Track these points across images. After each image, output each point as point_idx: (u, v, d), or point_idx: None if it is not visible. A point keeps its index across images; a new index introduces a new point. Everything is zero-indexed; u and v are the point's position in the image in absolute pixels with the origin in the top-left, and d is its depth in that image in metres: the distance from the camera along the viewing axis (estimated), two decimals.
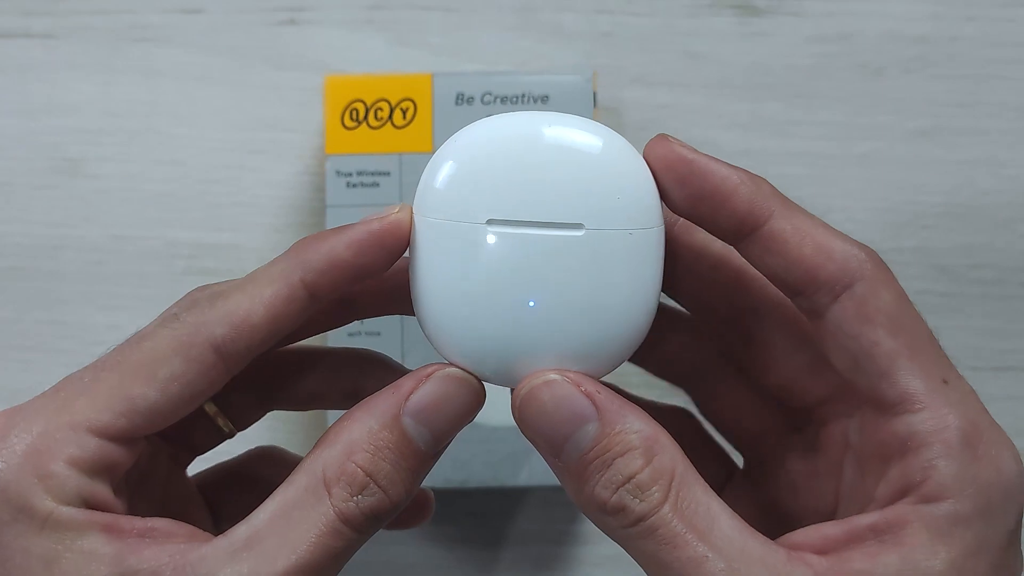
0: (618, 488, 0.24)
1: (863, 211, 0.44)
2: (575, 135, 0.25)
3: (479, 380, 0.26)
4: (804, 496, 0.28)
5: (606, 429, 0.24)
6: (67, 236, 0.44)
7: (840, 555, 0.24)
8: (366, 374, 0.31)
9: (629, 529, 0.24)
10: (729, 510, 0.24)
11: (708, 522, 0.24)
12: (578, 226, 0.25)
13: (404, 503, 0.26)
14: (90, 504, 0.25)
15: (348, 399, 0.28)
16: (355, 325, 0.38)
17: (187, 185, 0.44)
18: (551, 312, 0.25)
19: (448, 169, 0.25)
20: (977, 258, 0.44)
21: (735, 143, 0.44)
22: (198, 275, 0.44)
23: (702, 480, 0.25)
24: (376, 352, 0.31)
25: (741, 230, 0.25)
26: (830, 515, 0.27)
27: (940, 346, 0.25)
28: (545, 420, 0.25)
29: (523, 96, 0.40)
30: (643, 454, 0.24)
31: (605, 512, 0.24)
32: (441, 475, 0.38)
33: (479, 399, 0.26)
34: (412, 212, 0.26)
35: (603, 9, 0.44)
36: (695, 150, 0.25)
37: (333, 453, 0.25)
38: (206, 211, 0.44)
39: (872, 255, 0.25)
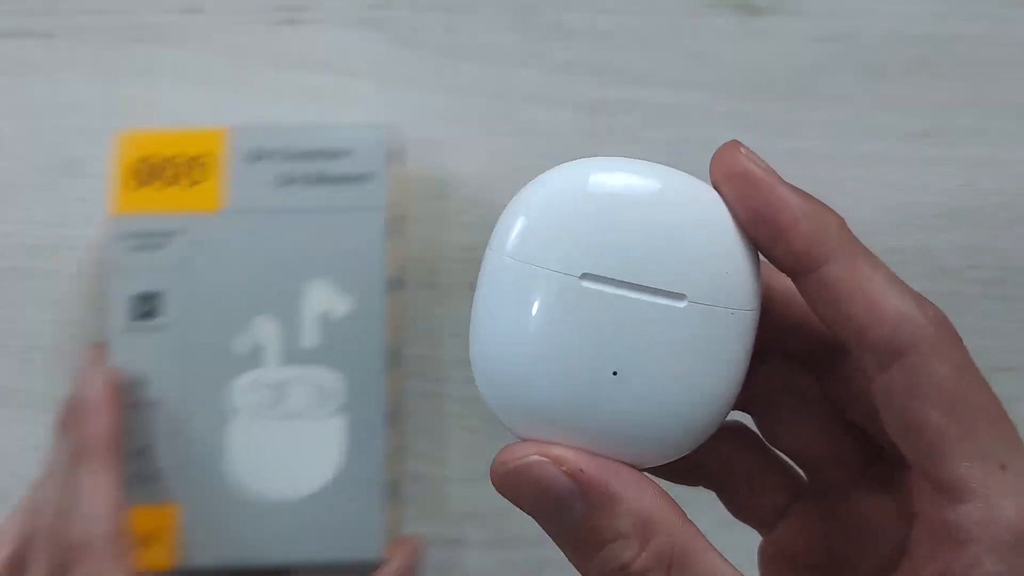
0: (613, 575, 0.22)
1: (864, 211, 0.44)
2: (684, 195, 0.23)
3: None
4: (867, 536, 0.26)
5: (593, 512, 0.22)
6: (67, 236, 0.44)
7: None
8: None
9: None
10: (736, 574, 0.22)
11: None
12: (680, 296, 0.22)
13: None
14: None
15: None
16: None
17: None
18: (634, 384, 0.22)
19: (536, 211, 0.23)
20: (978, 258, 0.44)
21: None
22: None
23: (707, 548, 0.22)
24: None
25: (796, 268, 0.23)
26: (888, 562, 0.24)
27: (1008, 422, 0.22)
28: (527, 503, 0.22)
29: (320, 152, 0.39)
30: (637, 540, 0.22)
31: None
32: (219, 555, 0.38)
33: None
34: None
35: (604, 9, 0.44)
36: (765, 166, 0.23)
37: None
38: None
39: (935, 319, 0.22)
